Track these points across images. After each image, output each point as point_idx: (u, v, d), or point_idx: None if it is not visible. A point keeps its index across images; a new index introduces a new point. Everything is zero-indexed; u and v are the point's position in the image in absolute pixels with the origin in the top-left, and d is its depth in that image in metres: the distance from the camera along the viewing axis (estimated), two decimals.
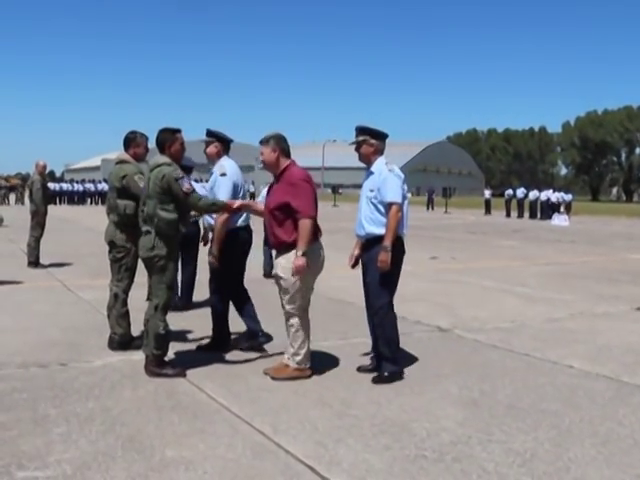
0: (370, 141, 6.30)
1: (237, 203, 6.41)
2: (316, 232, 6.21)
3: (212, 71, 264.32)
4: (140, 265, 6.63)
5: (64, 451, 4.41)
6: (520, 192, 42.13)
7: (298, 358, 6.22)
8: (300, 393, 5.76)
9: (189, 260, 9.73)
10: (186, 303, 9.59)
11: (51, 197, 14.28)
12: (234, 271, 7.11)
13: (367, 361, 6.75)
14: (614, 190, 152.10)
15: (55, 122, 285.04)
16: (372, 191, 6.22)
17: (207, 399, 5.54)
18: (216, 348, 7.08)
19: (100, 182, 57.99)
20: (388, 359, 6.34)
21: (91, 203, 55.37)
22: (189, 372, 6.20)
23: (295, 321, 6.26)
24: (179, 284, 9.34)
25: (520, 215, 41.15)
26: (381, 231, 6.18)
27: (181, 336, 7.59)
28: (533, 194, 41.69)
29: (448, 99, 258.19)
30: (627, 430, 5.10)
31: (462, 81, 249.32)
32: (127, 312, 7.05)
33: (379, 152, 6.35)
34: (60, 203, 53.37)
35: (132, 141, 7.24)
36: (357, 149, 6.36)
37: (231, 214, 6.63)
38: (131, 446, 4.50)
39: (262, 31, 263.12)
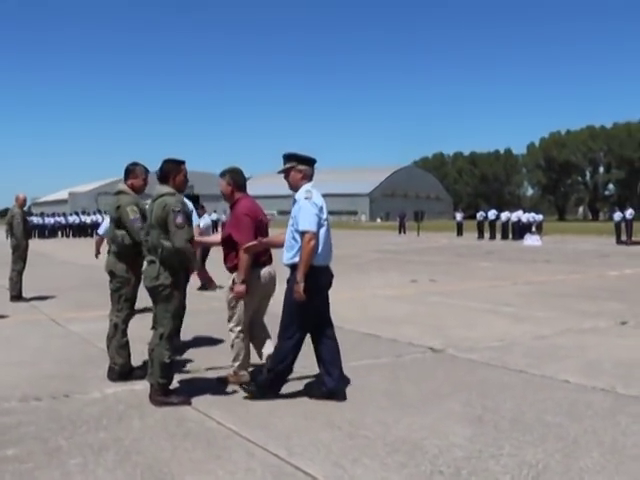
0: (298, 167, 6.32)
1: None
2: (259, 258, 6.55)
3: (187, 100, 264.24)
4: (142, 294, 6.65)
5: None
6: (492, 214, 42.52)
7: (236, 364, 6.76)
8: (308, 416, 5.80)
9: None
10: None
11: (31, 231, 14.18)
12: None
13: (368, 383, 6.84)
14: (580, 209, 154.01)
15: (21, 155, 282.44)
16: (292, 219, 6.22)
17: (217, 425, 5.56)
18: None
19: (71, 214, 57.71)
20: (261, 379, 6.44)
21: (62, 236, 55.00)
22: (194, 400, 6.22)
23: (233, 335, 6.78)
24: None
25: (492, 237, 41.51)
26: (297, 259, 6.12)
27: (181, 364, 7.59)
28: (505, 215, 42.15)
29: (414, 124, 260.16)
30: (631, 439, 5.22)
31: (428, 105, 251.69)
32: (127, 342, 7.05)
33: (307, 178, 6.34)
34: (31, 237, 52.93)
35: (131, 172, 7.30)
36: (285, 177, 6.37)
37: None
38: (151, 474, 4.51)
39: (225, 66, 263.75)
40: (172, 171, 6.30)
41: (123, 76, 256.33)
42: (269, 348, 6.83)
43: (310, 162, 6.37)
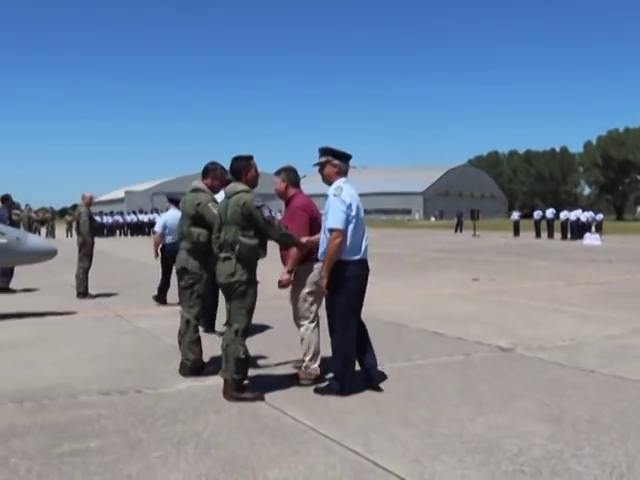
0: (333, 162, 6.40)
1: (304, 239, 6.54)
2: (311, 254, 6.66)
3: (233, 103, 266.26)
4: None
5: (167, 473, 4.47)
6: (550, 213, 41.94)
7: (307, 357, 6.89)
8: (382, 414, 5.79)
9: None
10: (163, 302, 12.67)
11: (98, 229, 14.40)
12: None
13: (439, 381, 6.82)
14: (638, 208, 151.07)
15: (78, 154, 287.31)
16: (324, 214, 6.35)
17: (292, 421, 5.58)
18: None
19: (128, 214, 58.56)
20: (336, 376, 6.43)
21: (120, 235, 55.85)
22: (267, 395, 6.25)
23: (303, 329, 6.89)
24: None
25: (550, 236, 40.94)
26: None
27: (253, 360, 7.63)
28: (563, 214, 41.46)
29: (468, 122, 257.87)
30: None
31: (483, 103, 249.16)
32: (199, 338, 7.12)
33: (342, 173, 6.42)
34: (98, 235, 53.80)
35: (211, 172, 7.39)
36: (320, 170, 6.48)
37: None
38: (232, 469, 4.54)
39: (285, 66, 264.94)
40: (243, 168, 6.35)
41: (181, 75, 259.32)
42: None
43: (345, 157, 6.45)
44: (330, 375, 6.66)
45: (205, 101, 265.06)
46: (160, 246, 13.08)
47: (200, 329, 7.35)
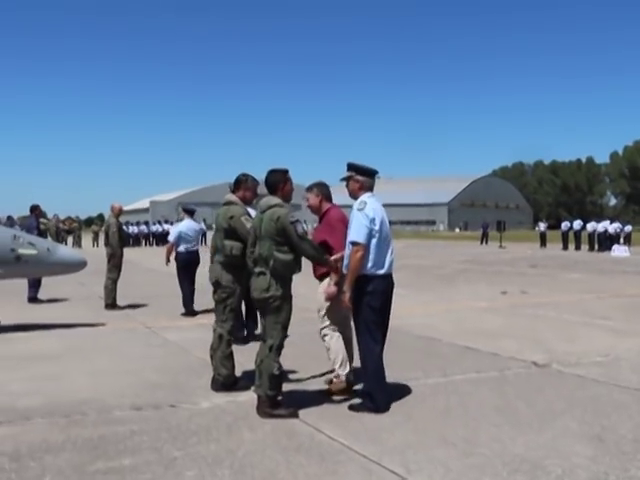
0: (356, 177, 6.48)
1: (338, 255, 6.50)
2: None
3: (251, 115, 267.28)
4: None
5: None
6: (577, 224, 41.57)
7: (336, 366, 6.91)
8: (419, 432, 5.66)
9: (191, 280, 13.13)
10: (193, 312, 12.85)
11: (127, 239, 14.44)
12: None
13: (476, 399, 6.70)
14: None
15: (101, 164, 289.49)
16: (348, 228, 6.39)
17: (327, 439, 5.47)
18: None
19: (154, 224, 58.75)
20: (365, 393, 6.39)
21: (145, 245, 56.04)
22: (301, 412, 6.14)
23: (327, 338, 6.92)
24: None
25: (578, 247, 40.54)
26: None
27: (285, 375, 7.53)
28: (591, 226, 41.12)
29: (493, 133, 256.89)
30: None
31: (507, 114, 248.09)
32: (231, 353, 7.02)
33: (365, 188, 6.48)
34: (127, 245, 54.00)
35: (243, 183, 7.32)
36: (346, 185, 6.55)
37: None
38: None
39: (291, 76, 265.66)
40: (280, 181, 6.28)
41: (203, 85, 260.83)
42: None
43: (369, 173, 6.52)
44: (360, 388, 6.61)
45: (229, 112, 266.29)
46: (174, 255, 13.44)
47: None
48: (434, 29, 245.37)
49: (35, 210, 15.78)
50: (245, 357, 7.56)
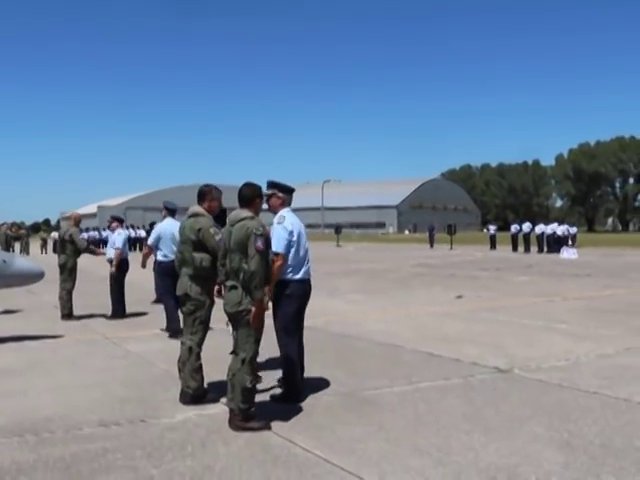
0: (278, 194, 7.09)
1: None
2: None
3: (204, 116, 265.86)
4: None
5: None
6: (526, 226, 42.19)
7: None
8: (392, 442, 5.70)
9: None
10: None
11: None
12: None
13: (444, 406, 6.78)
14: (609, 220, 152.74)
15: (49, 169, 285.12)
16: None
17: (303, 452, 5.47)
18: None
19: (104, 230, 57.99)
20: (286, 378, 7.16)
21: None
22: (272, 424, 6.13)
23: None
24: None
25: (527, 249, 41.14)
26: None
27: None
28: (539, 228, 41.81)
29: (441, 135, 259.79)
30: None
31: (456, 117, 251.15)
32: (201, 366, 6.98)
33: (285, 204, 7.12)
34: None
35: (207, 194, 7.30)
36: (267, 201, 7.02)
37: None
38: None
39: (260, 69, 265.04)
40: (254, 195, 6.29)
41: (148, 88, 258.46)
42: None
43: (289, 191, 7.17)
44: (279, 377, 7.37)
45: (183, 114, 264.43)
46: (153, 261, 12.62)
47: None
48: (390, 33, 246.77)
49: None
50: (212, 368, 7.53)
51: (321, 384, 7.75)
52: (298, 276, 6.93)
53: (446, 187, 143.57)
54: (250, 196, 6.28)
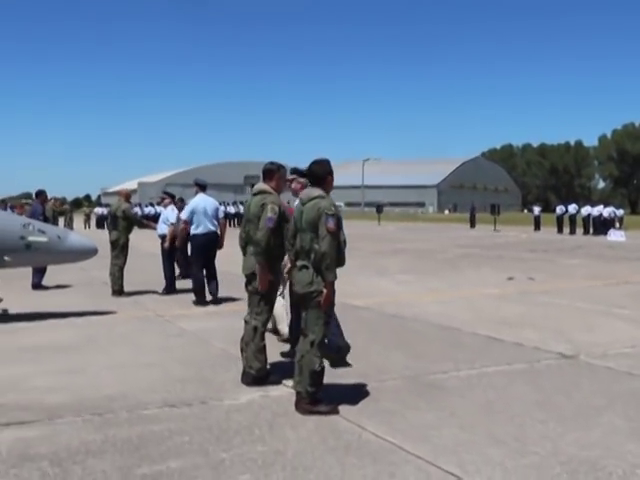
0: (299, 179, 7.63)
1: None
2: None
3: (243, 95, 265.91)
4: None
5: None
6: (572, 208, 41.51)
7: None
8: (467, 429, 5.51)
9: (205, 265, 12.40)
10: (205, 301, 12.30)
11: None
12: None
13: (514, 392, 6.58)
14: None
15: (90, 145, 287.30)
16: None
17: (375, 438, 5.30)
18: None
19: (146, 206, 58.25)
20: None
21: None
22: (340, 408, 5.97)
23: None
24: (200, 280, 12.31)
25: (572, 231, 40.47)
26: None
27: None
28: (585, 210, 41.13)
29: (482, 114, 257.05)
30: None
31: (496, 96, 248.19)
32: (265, 346, 6.82)
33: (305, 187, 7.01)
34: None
35: (275, 172, 7.08)
36: (289, 185, 7.62)
37: None
38: None
39: (286, 53, 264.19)
40: (325, 173, 6.07)
41: (188, 66, 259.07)
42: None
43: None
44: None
45: (217, 93, 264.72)
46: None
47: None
48: (428, 14, 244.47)
49: (40, 196, 15.48)
50: (273, 348, 7.38)
51: (383, 366, 7.60)
52: None
53: (487, 167, 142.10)
54: (321, 174, 6.07)
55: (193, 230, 12.31)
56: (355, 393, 6.48)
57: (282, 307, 8.73)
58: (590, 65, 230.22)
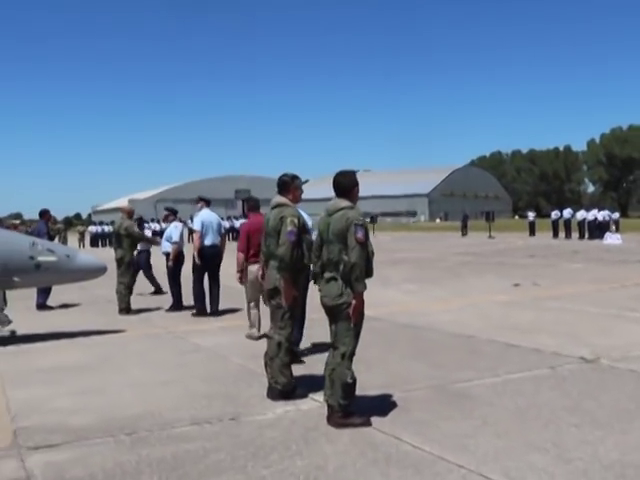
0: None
1: None
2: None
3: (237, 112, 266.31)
4: None
5: None
6: (567, 212, 41.63)
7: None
8: (502, 437, 5.46)
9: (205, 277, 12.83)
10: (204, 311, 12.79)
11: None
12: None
13: (541, 398, 6.54)
14: None
15: (78, 163, 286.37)
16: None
17: (412, 449, 5.24)
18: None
19: (147, 222, 58.04)
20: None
21: None
22: (372, 419, 5.91)
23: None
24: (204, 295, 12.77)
25: (568, 236, 40.55)
26: None
27: None
28: (580, 214, 41.20)
29: (470, 122, 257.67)
30: None
31: (484, 103, 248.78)
32: (290, 361, 6.77)
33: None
34: (102, 245, 53.25)
35: (290, 184, 7.05)
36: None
37: None
38: None
39: (280, 65, 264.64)
40: (351, 184, 6.03)
41: (175, 83, 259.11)
42: None
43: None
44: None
45: (207, 108, 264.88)
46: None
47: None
48: (412, 21, 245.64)
49: (45, 215, 15.36)
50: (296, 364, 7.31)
51: (406, 376, 7.56)
52: None
53: (476, 174, 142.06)
54: (348, 185, 6.01)
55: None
56: (384, 404, 6.42)
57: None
58: (577, 70, 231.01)
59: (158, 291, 16.75)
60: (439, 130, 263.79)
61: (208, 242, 12.63)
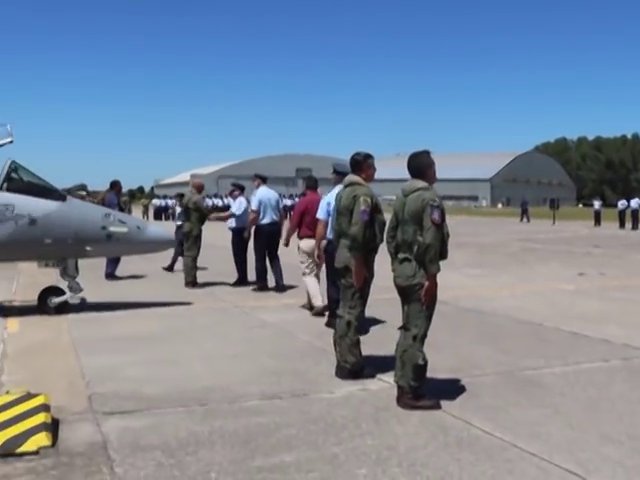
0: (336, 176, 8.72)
1: None
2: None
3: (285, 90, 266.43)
4: None
5: None
6: (635, 203, 40.72)
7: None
8: (576, 427, 5.40)
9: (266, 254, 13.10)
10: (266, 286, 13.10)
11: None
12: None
13: (616, 390, 6.44)
14: None
15: (142, 137, 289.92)
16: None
17: (483, 434, 5.22)
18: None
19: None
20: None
21: None
22: (441, 403, 5.91)
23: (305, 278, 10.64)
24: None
25: (635, 226, 39.75)
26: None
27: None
28: None
29: (536, 108, 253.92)
30: None
31: (551, 89, 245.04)
32: (359, 340, 6.76)
33: (336, 183, 8.60)
34: (165, 219, 53.84)
35: (363, 163, 6.99)
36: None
37: None
38: None
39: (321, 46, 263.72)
40: (428, 164, 5.99)
41: (239, 59, 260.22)
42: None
43: (338, 173, 8.78)
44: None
45: (269, 85, 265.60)
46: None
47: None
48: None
49: (115, 186, 15.62)
50: (364, 340, 7.34)
51: (474, 361, 7.54)
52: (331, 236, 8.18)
53: (540, 161, 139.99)
54: (422, 166, 5.97)
55: (259, 220, 12.89)
56: (453, 388, 6.41)
57: (315, 282, 10.33)
58: None
59: (170, 268, 16.63)
60: (504, 114, 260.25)
61: (267, 220, 12.84)
